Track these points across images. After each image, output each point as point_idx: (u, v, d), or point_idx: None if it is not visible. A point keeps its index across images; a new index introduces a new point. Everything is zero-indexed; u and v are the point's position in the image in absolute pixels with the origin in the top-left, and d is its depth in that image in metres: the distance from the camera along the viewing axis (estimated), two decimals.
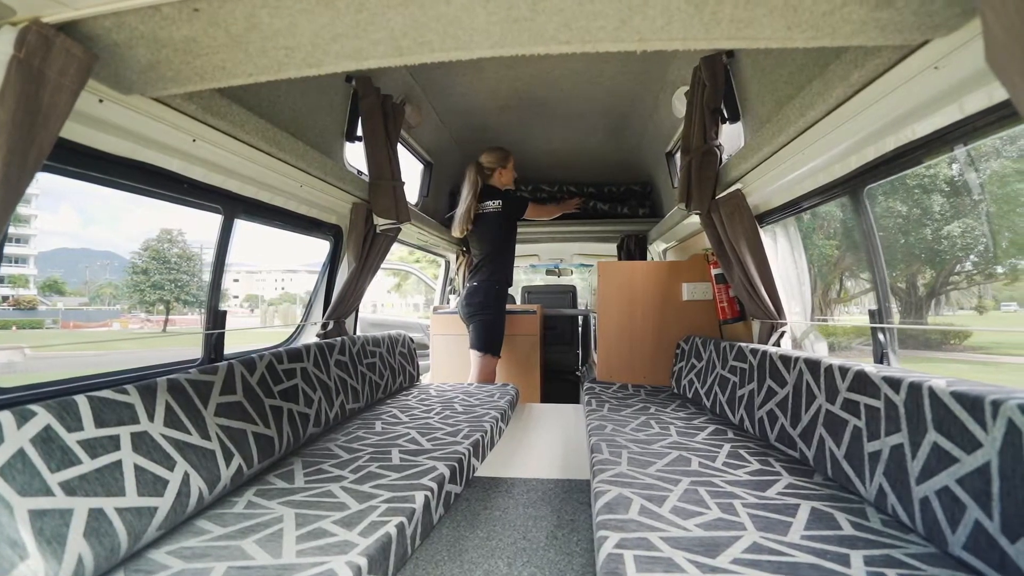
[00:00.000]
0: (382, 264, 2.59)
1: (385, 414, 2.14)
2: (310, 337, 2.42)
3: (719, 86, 2.03)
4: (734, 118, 2.08)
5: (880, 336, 1.53)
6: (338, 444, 1.70)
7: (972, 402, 0.91)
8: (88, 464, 0.96)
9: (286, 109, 1.82)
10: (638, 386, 2.75)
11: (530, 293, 4.91)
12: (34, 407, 0.92)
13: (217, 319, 1.73)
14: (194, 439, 1.22)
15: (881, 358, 1.53)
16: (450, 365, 3.60)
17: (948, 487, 0.94)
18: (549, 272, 5.81)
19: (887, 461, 1.12)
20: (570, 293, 4.85)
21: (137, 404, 1.12)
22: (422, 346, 3.89)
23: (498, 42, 1.02)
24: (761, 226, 2.11)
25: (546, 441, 2.47)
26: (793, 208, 1.95)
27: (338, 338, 2.25)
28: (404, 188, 2.47)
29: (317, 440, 1.77)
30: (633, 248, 4.13)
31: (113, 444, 1.03)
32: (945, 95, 1.09)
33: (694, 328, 2.76)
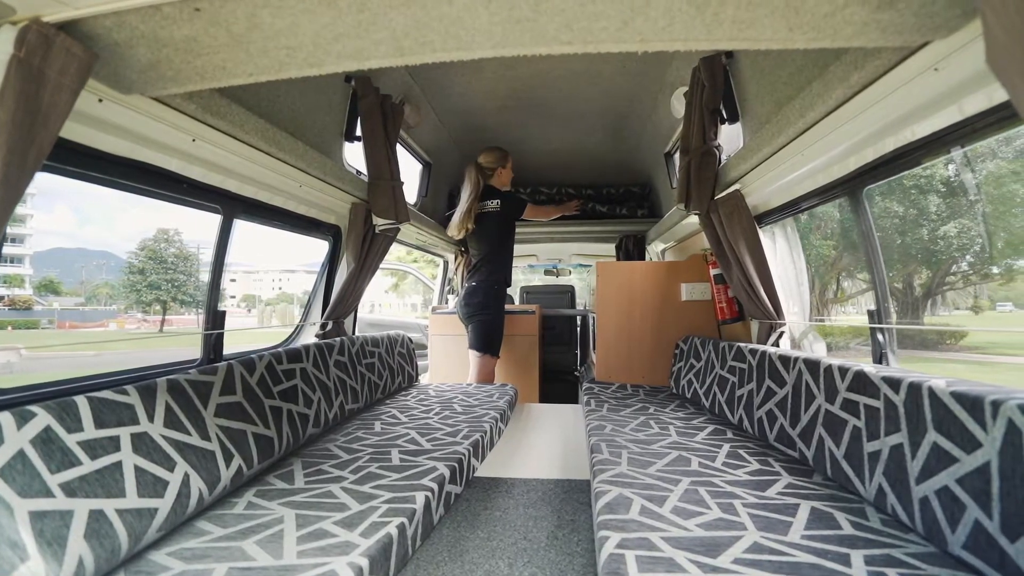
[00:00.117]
0: (381, 264, 2.59)
1: (384, 414, 2.14)
2: (309, 337, 2.42)
3: (718, 87, 2.03)
4: (733, 119, 2.08)
5: (879, 336, 1.54)
6: (338, 444, 1.70)
7: (972, 402, 0.91)
8: (88, 465, 0.95)
9: (285, 109, 1.82)
10: (637, 386, 2.75)
11: (529, 293, 4.91)
12: (34, 408, 0.92)
13: (216, 319, 1.72)
14: (194, 440, 1.22)
15: (880, 358, 1.54)
16: (449, 365, 3.59)
17: (948, 487, 0.95)
18: (547, 272, 5.81)
19: (887, 461, 1.12)
20: (568, 293, 4.85)
21: (137, 405, 1.12)
22: (420, 346, 3.88)
23: (500, 42, 1.02)
24: (760, 226, 2.11)
25: (545, 441, 2.47)
26: (792, 209, 1.96)
27: (337, 338, 2.24)
28: (403, 188, 2.47)
29: (317, 441, 1.76)
30: (632, 248, 4.14)
31: (113, 445, 1.02)
32: (945, 96, 1.10)
33: (693, 328, 2.76)
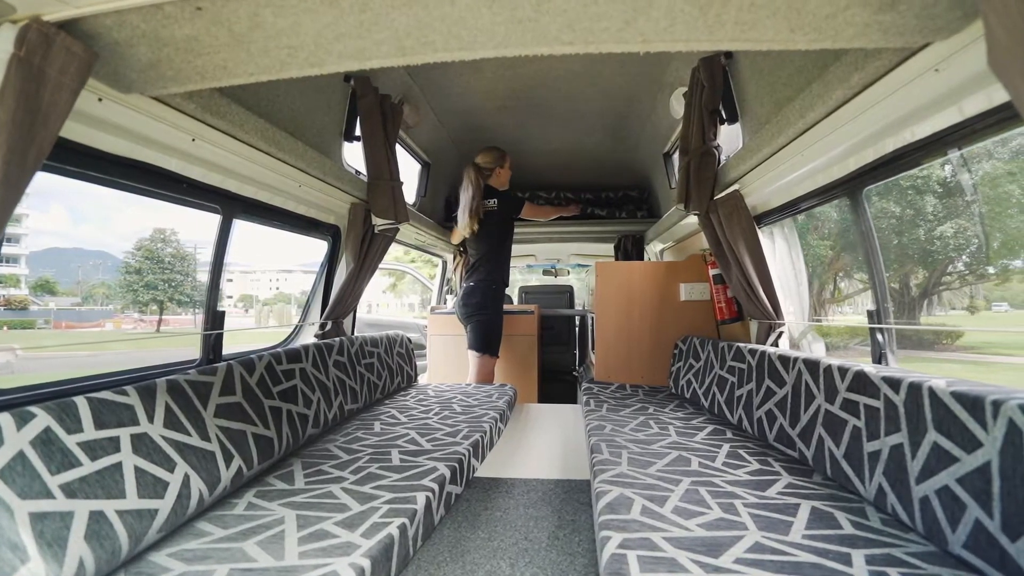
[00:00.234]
0: (380, 264, 2.59)
1: (384, 415, 2.13)
2: (308, 338, 2.41)
3: (717, 87, 2.04)
4: (732, 119, 2.08)
5: (879, 336, 1.54)
6: (337, 445, 1.70)
7: (972, 402, 0.92)
8: (88, 466, 0.95)
9: (285, 108, 1.81)
10: (636, 386, 2.75)
11: (527, 293, 4.91)
12: (33, 409, 0.91)
13: (216, 320, 1.72)
14: (194, 440, 1.21)
15: (880, 358, 1.54)
16: (447, 365, 3.59)
17: (948, 486, 0.95)
18: (546, 272, 5.81)
19: (887, 461, 1.12)
20: (567, 293, 4.86)
21: (136, 405, 1.11)
22: (419, 346, 3.88)
23: (502, 42, 1.02)
24: (759, 227, 2.12)
25: (545, 441, 2.47)
26: (791, 209, 1.96)
27: (336, 339, 2.24)
28: (403, 188, 2.46)
29: (316, 441, 1.76)
30: (630, 248, 4.14)
31: (113, 446, 1.02)
32: (945, 97, 1.10)
33: (692, 328, 2.77)
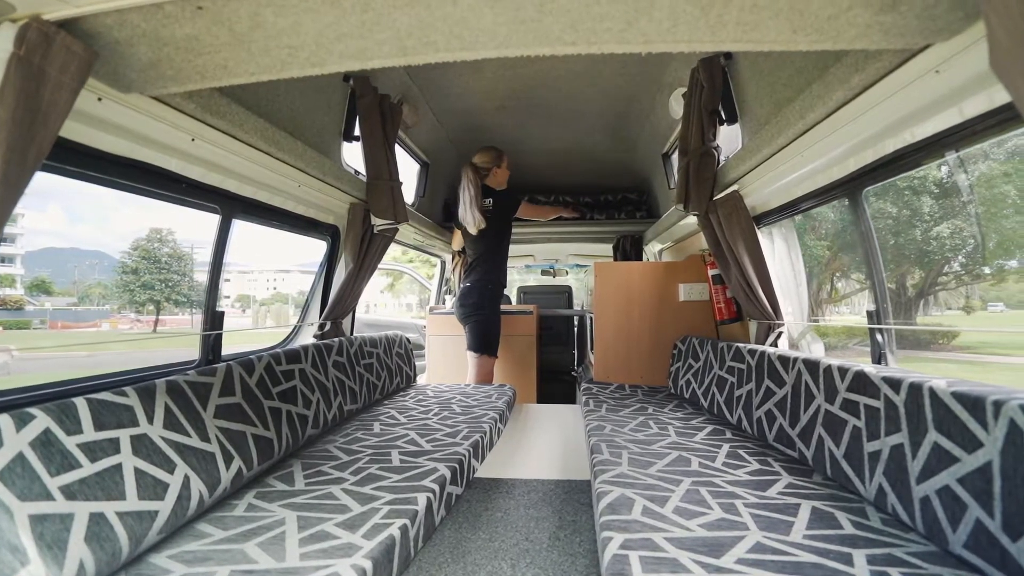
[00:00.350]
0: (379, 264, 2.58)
1: (383, 415, 2.13)
2: (307, 338, 2.41)
3: (717, 88, 2.04)
4: (732, 120, 2.09)
5: (878, 336, 1.55)
6: (337, 446, 1.69)
7: (973, 402, 0.92)
8: (88, 468, 0.94)
9: (284, 108, 1.80)
10: (635, 386, 2.76)
11: (526, 294, 4.91)
12: (33, 410, 0.91)
13: (215, 320, 1.71)
14: (194, 441, 1.21)
15: (879, 358, 1.55)
16: (446, 366, 3.59)
17: (949, 486, 0.95)
18: (544, 272, 5.81)
19: (887, 461, 1.13)
20: (566, 294, 4.86)
21: (136, 406, 1.11)
22: (417, 346, 3.87)
23: (504, 43, 1.02)
24: (758, 227, 2.12)
25: (544, 442, 2.47)
26: (791, 210, 1.96)
27: (335, 339, 2.23)
28: (402, 188, 2.46)
29: (316, 442, 1.75)
30: (629, 249, 4.15)
31: (113, 447, 1.01)
32: (945, 99, 1.10)
33: (691, 328, 2.77)
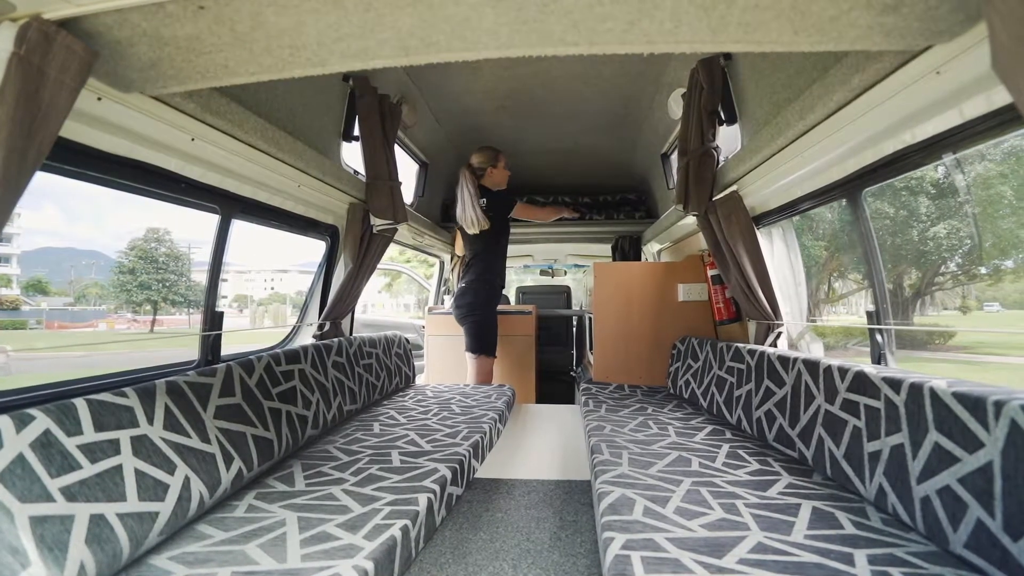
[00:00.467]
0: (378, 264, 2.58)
1: (383, 415, 2.13)
2: (306, 338, 2.40)
3: (716, 88, 2.05)
4: (731, 120, 2.09)
5: (878, 337, 1.55)
6: (337, 446, 1.69)
7: (974, 403, 0.92)
8: (88, 469, 0.94)
9: (283, 108, 1.80)
10: (634, 386, 2.76)
11: (524, 294, 4.92)
12: (32, 411, 0.90)
13: (215, 320, 1.70)
14: (194, 442, 1.21)
15: (879, 359, 1.55)
16: (445, 366, 3.58)
17: (949, 486, 0.96)
18: (543, 273, 5.81)
19: (887, 461, 1.13)
20: (564, 294, 4.86)
21: (136, 407, 1.10)
22: (415, 346, 3.87)
23: (505, 43, 1.01)
24: (758, 227, 2.12)
25: (544, 442, 2.47)
26: (790, 210, 1.97)
27: (335, 339, 2.23)
28: (401, 188, 2.46)
29: (316, 442, 1.75)
30: (628, 249, 4.15)
31: (113, 448, 1.01)
32: (946, 100, 1.11)
33: (690, 329, 2.78)
